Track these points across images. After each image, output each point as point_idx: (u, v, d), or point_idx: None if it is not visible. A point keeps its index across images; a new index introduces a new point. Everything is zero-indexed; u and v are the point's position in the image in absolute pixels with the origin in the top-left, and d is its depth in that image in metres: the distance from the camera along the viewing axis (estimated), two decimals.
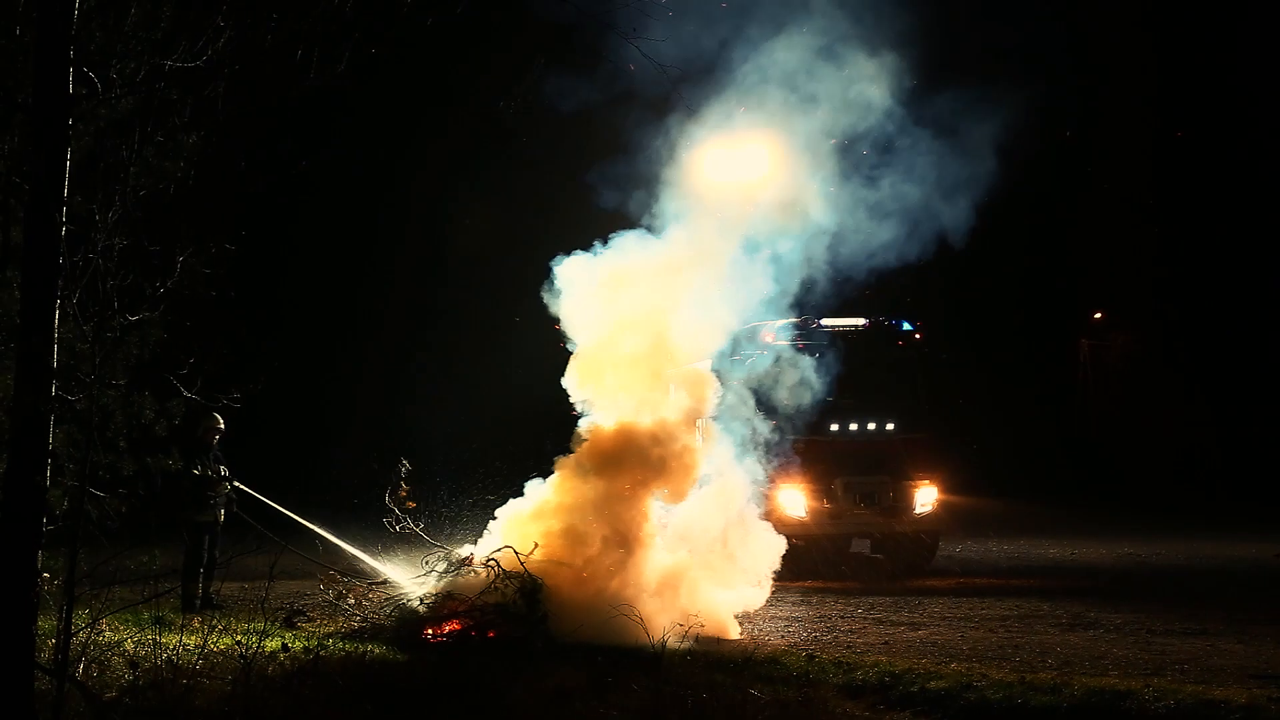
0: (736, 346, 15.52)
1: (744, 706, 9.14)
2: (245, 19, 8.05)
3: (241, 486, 14.09)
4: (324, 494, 14.60)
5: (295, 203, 26.17)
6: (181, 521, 13.51)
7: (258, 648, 8.76)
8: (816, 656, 11.10)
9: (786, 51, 13.97)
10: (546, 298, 13.63)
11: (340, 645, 10.93)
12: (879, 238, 15.08)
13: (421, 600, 12.39)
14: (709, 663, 10.70)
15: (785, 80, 14.01)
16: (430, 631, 11.87)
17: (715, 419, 14.18)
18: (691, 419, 13.55)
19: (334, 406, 29.35)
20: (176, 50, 7.90)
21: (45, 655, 7.87)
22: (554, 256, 13.65)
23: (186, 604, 13.34)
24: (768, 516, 14.97)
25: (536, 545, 12.38)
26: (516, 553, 12.23)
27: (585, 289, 13.59)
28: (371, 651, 10.78)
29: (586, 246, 13.70)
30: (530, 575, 12.03)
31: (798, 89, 14.08)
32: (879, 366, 17.67)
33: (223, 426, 14.04)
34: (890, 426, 17.92)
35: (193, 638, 10.15)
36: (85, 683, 8.18)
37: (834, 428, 17.47)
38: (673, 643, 10.92)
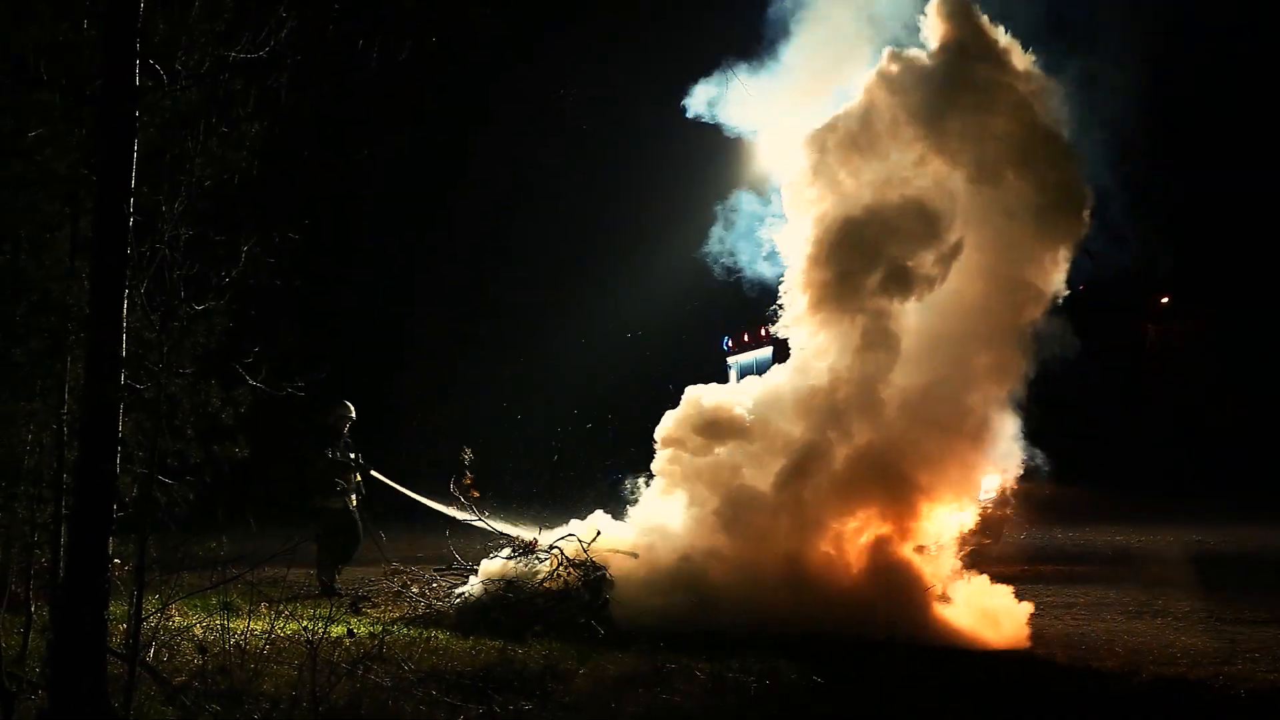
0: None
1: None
2: (307, 9, 8.12)
3: (375, 474, 14.32)
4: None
5: (360, 188, 26.25)
6: (309, 509, 13.74)
7: (324, 633, 8.84)
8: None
9: None
10: None
11: (404, 631, 11.01)
12: None
13: (486, 588, 12.47)
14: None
15: None
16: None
17: None
18: None
19: (402, 395, 29.44)
20: (240, 41, 7.99)
21: (117, 639, 8.01)
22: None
23: (326, 592, 13.56)
24: None
25: (599, 532, 12.46)
26: (581, 540, 12.33)
27: None
28: (435, 637, 10.86)
29: None
30: (594, 563, 12.10)
31: None
32: None
33: (354, 415, 14.26)
34: None
35: (260, 623, 10.29)
36: (156, 666, 8.34)
37: None
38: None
